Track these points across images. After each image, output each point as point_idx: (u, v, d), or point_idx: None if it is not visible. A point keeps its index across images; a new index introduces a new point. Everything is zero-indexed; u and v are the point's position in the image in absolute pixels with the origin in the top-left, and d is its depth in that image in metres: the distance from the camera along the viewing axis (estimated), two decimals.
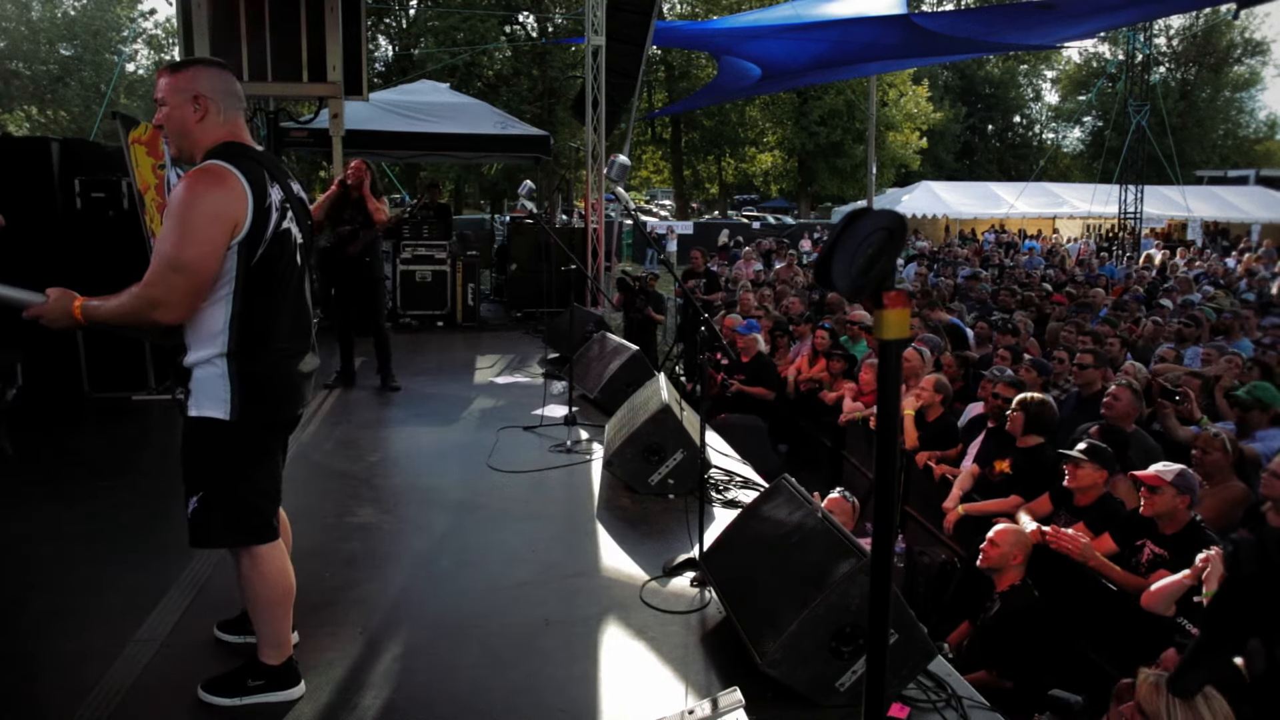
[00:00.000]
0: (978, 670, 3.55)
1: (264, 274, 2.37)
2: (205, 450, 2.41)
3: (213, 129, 2.39)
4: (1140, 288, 11.75)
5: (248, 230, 2.31)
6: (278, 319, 2.43)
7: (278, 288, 2.42)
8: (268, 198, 2.36)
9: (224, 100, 2.40)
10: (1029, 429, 4.62)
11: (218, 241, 2.27)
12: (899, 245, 1.28)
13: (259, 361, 2.40)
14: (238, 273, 2.33)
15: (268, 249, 2.36)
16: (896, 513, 4.99)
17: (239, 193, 2.29)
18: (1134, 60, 22.95)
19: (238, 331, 2.36)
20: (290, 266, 2.45)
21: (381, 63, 29.41)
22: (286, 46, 8.24)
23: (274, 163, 2.51)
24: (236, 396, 2.37)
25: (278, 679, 2.56)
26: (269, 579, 2.50)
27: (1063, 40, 19.35)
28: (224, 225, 2.27)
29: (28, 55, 28.71)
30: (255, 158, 2.41)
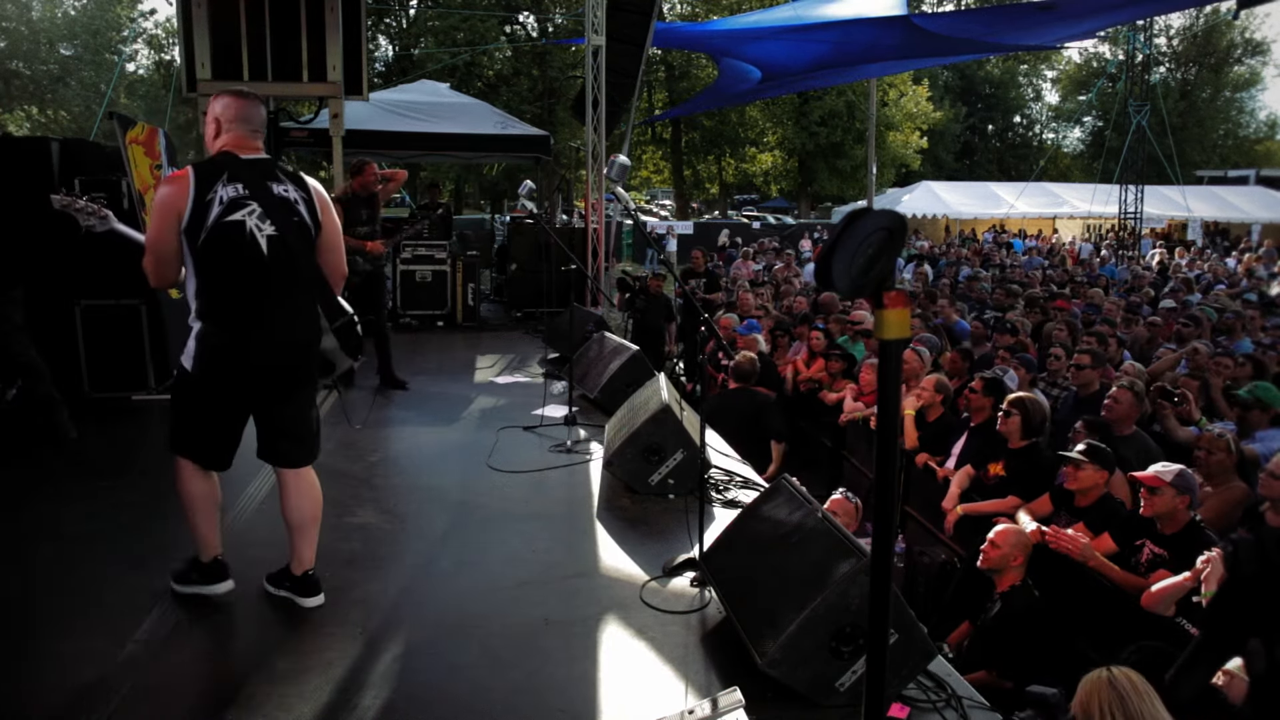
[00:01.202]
0: (978, 670, 3.55)
1: (210, 256, 2.87)
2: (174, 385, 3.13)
3: (219, 144, 2.98)
4: (1150, 289, 11.76)
5: (188, 219, 2.83)
6: (228, 297, 2.92)
7: (226, 270, 2.90)
8: (210, 193, 2.84)
9: (230, 123, 2.98)
10: (1021, 431, 4.62)
11: (162, 227, 2.85)
12: (899, 245, 1.28)
13: (211, 329, 2.92)
14: (191, 254, 2.88)
15: (210, 235, 2.84)
16: (896, 513, 4.99)
17: (182, 189, 2.83)
18: (1134, 60, 22.95)
19: (201, 302, 2.92)
20: (242, 252, 2.89)
21: (381, 63, 29.41)
22: (286, 46, 8.24)
23: (251, 168, 2.95)
24: (194, 353, 2.93)
25: (205, 573, 3.17)
26: (183, 489, 3.09)
27: (1063, 40, 19.35)
28: (167, 215, 2.84)
29: (28, 55, 28.71)
30: (221, 163, 2.92)
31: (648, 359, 5.99)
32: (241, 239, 2.88)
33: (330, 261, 3.17)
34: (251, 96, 3.02)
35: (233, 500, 4.26)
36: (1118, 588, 3.58)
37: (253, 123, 3.01)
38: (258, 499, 4.33)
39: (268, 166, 3.02)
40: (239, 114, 2.98)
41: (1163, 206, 25.26)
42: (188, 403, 3.03)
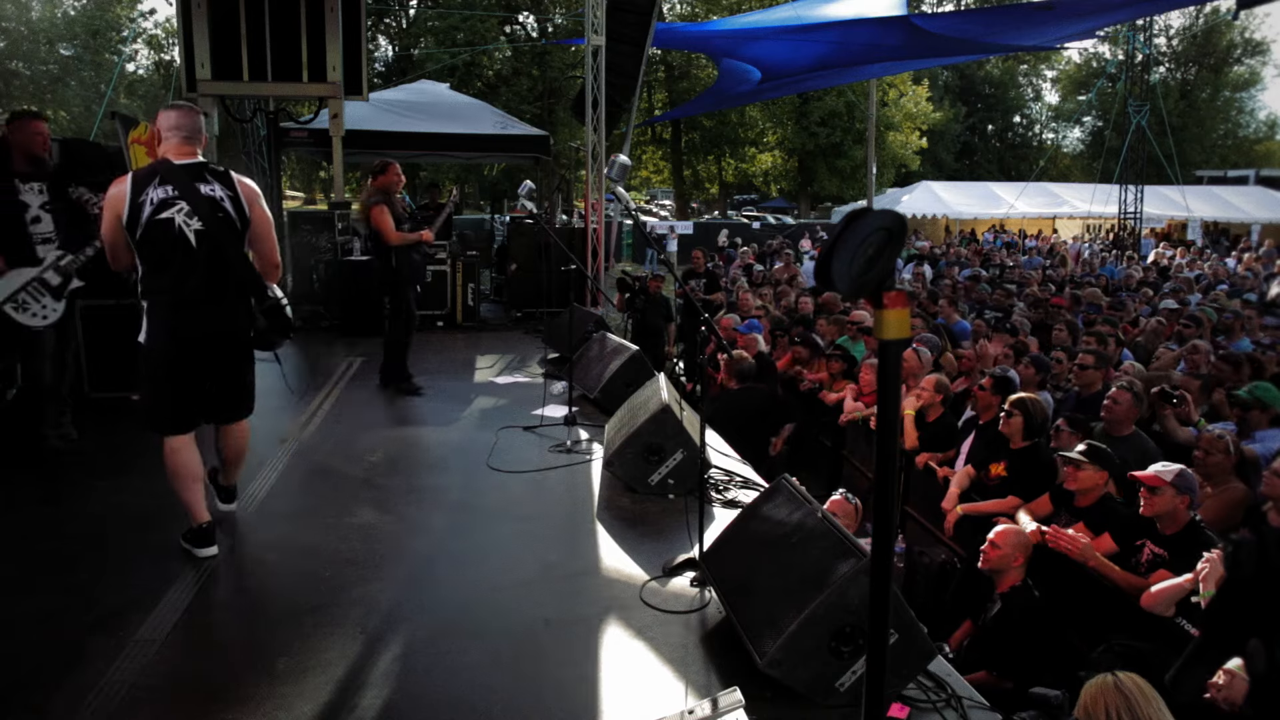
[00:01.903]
0: (978, 670, 3.55)
1: (147, 247, 3.40)
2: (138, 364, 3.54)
3: (159, 150, 3.54)
4: (1150, 289, 11.75)
5: (126, 218, 3.37)
6: (165, 281, 3.42)
7: (161, 259, 3.41)
8: (143, 196, 3.37)
9: (166, 131, 3.53)
10: (1023, 431, 4.62)
11: (110, 222, 3.41)
12: (899, 245, 1.28)
13: (157, 309, 3.44)
14: (134, 245, 3.41)
15: (145, 231, 3.38)
16: (896, 513, 4.99)
17: (120, 193, 3.38)
18: (1134, 60, 22.95)
19: (144, 285, 3.45)
20: (172, 243, 3.40)
21: (381, 63, 29.43)
22: (286, 46, 8.24)
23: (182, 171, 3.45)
24: (146, 330, 3.46)
25: (195, 537, 3.58)
26: (170, 463, 3.54)
27: (1062, 40, 19.37)
28: (111, 212, 3.40)
29: (28, 55, 28.70)
30: (155, 169, 3.46)
31: (648, 359, 5.99)
32: (171, 233, 3.40)
33: (261, 250, 3.68)
34: (186, 108, 3.57)
35: (222, 513, 4.26)
36: (1118, 588, 3.58)
37: (183, 130, 3.50)
38: (257, 500, 4.33)
39: (198, 169, 3.50)
40: (172, 124, 3.50)
41: (1163, 206, 25.25)
42: (152, 373, 3.49)
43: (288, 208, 14.66)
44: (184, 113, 3.55)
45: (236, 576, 3.50)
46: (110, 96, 19.80)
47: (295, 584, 3.45)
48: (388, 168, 6.32)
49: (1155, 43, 28.01)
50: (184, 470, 3.55)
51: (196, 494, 3.57)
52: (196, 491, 3.57)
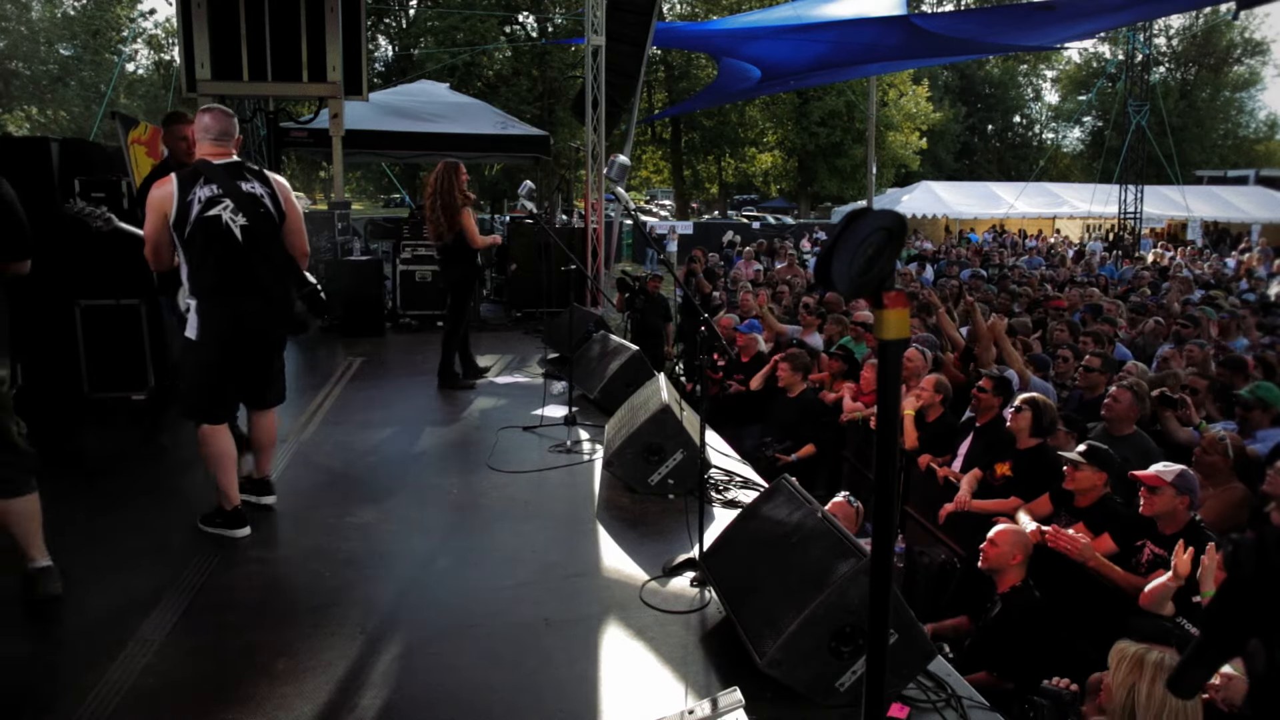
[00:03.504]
0: (978, 670, 3.55)
1: (196, 245, 3.55)
2: (184, 358, 3.74)
3: (197, 152, 3.71)
4: (1147, 289, 11.75)
5: (174, 217, 3.52)
6: (214, 276, 3.58)
7: (212, 255, 3.56)
8: (190, 195, 3.51)
9: (201, 133, 3.69)
10: (1031, 430, 4.62)
11: (157, 223, 3.55)
12: (899, 245, 1.28)
13: (207, 304, 3.60)
14: (180, 244, 3.56)
15: (193, 228, 3.53)
16: (896, 513, 4.99)
17: (167, 193, 3.52)
18: (1134, 60, 22.96)
19: (193, 282, 3.60)
20: (220, 240, 3.56)
21: (381, 63, 29.43)
22: (286, 46, 8.24)
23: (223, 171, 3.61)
24: (197, 325, 3.60)
25: (229, 519, 3.78)
26: (209, 451, 3.72)
27: (1062, 41, 19.37)
28: (158, 213, 3.54)
29: (28, 55, 28.68)
30: (198, 169, 3.59)
31: (647, 359, 5.99)
32: (218, 230, 3.56)
33: (294, 241, 3.90)
34: (219, 110, 3.72)
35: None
36: (1118, 588, 3.58)
37: (214, 132, 3.66)
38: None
39: (237, 168, 3.66)
40: (204, 126, 3.67)
41: (1163, 206, 25.26)
42: (201, 366, 3.67)
43: None
44: (216, 115, 3.69)
45: (236, 576, 3.50)
46: (110, 96, 19.81)
47: (295, 584, 3.45)
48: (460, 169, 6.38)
49: (1155, 43, 28.03)
50: (225, 456, 3.74)
51: (234, 478, 3.79)
52: (234, 476, 3.79)
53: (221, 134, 3.68)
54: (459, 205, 6.28)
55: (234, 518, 3.78)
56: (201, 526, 3.80)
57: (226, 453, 3.75)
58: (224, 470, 3.74)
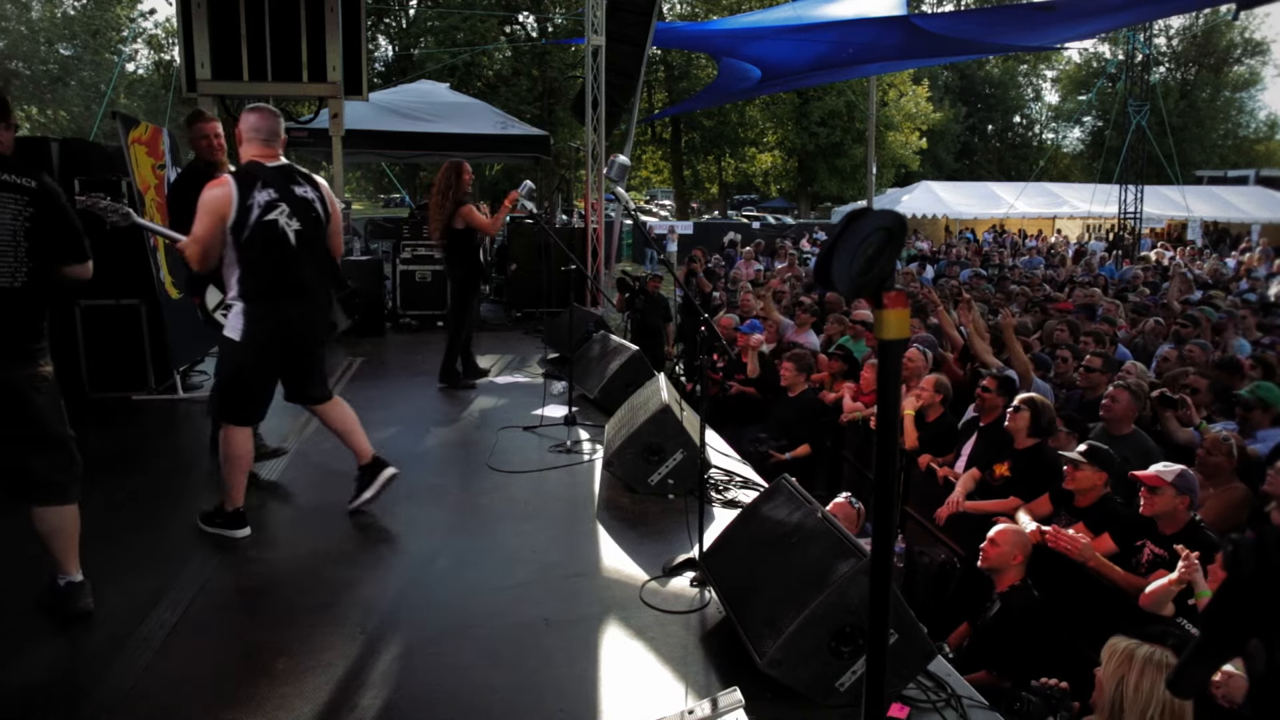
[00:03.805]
0: (978, 670, 3.55)
1: (253, 249, 3.55)
2: (224, 358, 3.73)
3: (245, 153, 3.69)
4: (1146, 289, 11.74)
5: (233, 220, 3.51)
6: (268, 280, 3.60)
7: (265, 259, 3.58)
8: (250, 198, 3.52)
9: (250, 133, 3.66)
10: (1030, 430, 4.62)
11: (212, 225, 3.50)
12: (899, 245, 1.28)
13: (258, 306, 3.60)
14: (235, 247, 3.55)
15: (251, 232, 3.53)
16: (896, 513, 4.99)
17: (227, 195, 3.50)
18: (1134, 60, 22.95)
19: (245, 285, 3.59)
20: (277, 244, 3.59)
21: (381, 63, 29.42)
22: (286, 46, 8.23)
23: (278, 174, 3.64)
24: (243, 327, 3.60)
25: (230, 520, 3.77)
26: (232, 451, 3.72)
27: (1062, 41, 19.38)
28: (215, 215, 3.50)
29: (28, 55, 28.67)
30: (255, 172, 3.59)
31: (647, 359, 5.99)
32: (275, 234, 3.59)
33: (334, 244, 3.97)
34: (266, 110, 3.70)
35: None
36: (1118, 588, 3.58)
37: (263, 133, 3.65)
38: (258, 499, 4.33)
39: (290, 172, 3.71)
40: (252, 126, 3.65)
41: (1163, 206, 25.25)
42: (239, 369, 3.69)
43: None
44: (265, 115, 3.69)
45: (236, 576, 3.50)
46: (110, 96, 19.80)
47: (295, 584, 3.45)
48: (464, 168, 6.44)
49: (1155, 43, 28.03)
50: (243, 459, 3.76)
51: (244, 481, 3.81)
52: (244, 479, 3.82)
53: (271, 135, 3.68)
54: (462, 199, 6.32)
55: (235, 518, 3.79)
56: (201, 526, 3.80)
57: (245, 455, 3.77)
58: (238, 471, 3.75)
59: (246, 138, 3.67)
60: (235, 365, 3.69)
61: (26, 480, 2.99)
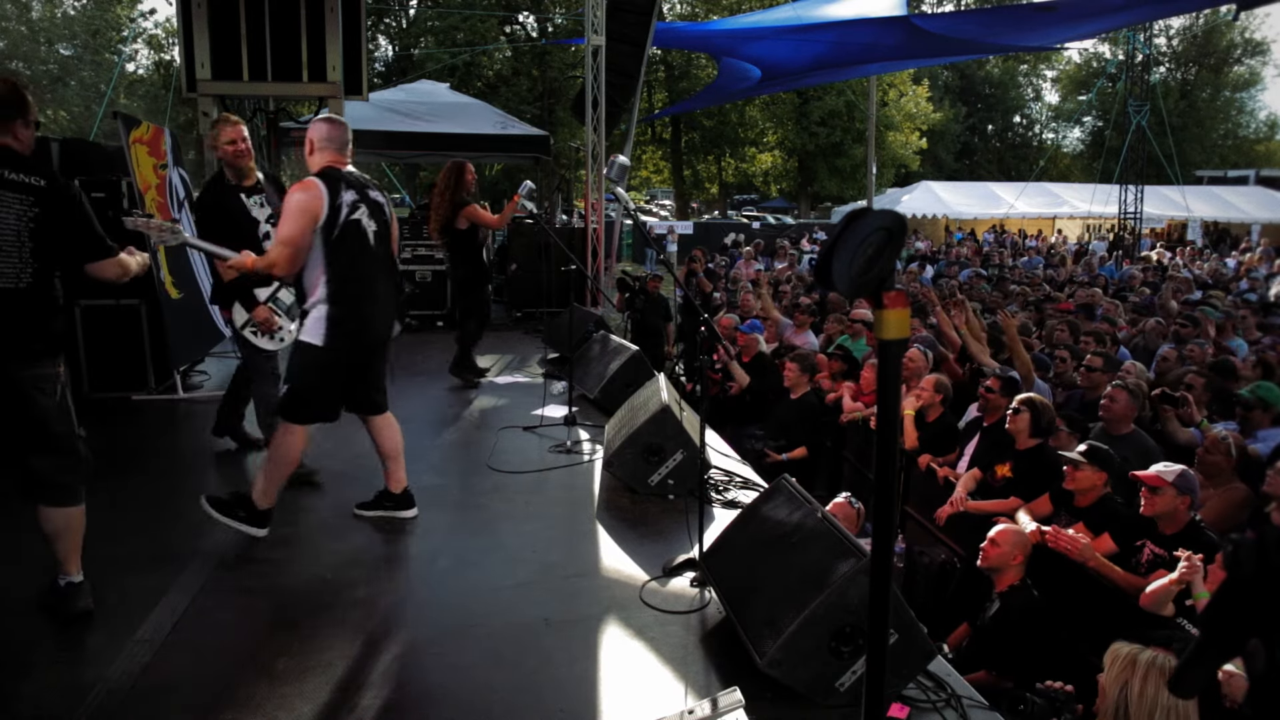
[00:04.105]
0: (977, 670, 3.55)
1: (341, 249, 3.58)
2: (300, 363, 3.64)
3: (318, 160, 3.69)
4: (1146, 289, 11.73)
5: (325, 218, 3.54)
6: (354, 281, 3.61)
7: (352, 259, 3.61)
8: (339, 199, 3.56)
9: (323, 142, 3.70)
10: (1030, 430, 4.61)
11: (304, 226, 3.51)
12: (899, 245, 1.28)
13: (343, 309, 3.58)
14: (324, 247, 3.55)
15: (340, 232, 3.57)
16: (896, 513, 4.99)
17: (318, 196, 3.53)
18: (1134, 60, 22.95)
19: (331, 288, 3.57)
20: (360, 243, 3.65)
21: (381, 63, 29.41)
22: (286, 46, 8.23)
23: (355, 179, 3.72)
24: (328, 332, 3.57)
25: (256, 518, 3.69)
26: (288, 453, 3.66)
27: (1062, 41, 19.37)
28: (309, 216, 3.51)
29: (28, 55, 28.65)
30: (338, 175, 3.64)
31: (647, 359, 5.99)
32: (360, 234, 3.65)
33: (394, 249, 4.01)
34: (339, 121, 3.78)
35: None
36: (1118, 588, 3.58)
37: (337, 142, 3.71)
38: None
39: (363, 177, 3.79)
40: (328, 135, 3.70)
41: (1163, 206, 25.25)
42: (317, 372, 3.65)
43: None
44: (339, 126, 3.74)
45: (236, 577, 3.50)
46: (110, 96, 19.80)
47: (295, 584, 3.45)
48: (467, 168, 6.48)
49: (1155, 43, 28.02)
50: (294, 459, 3.73)
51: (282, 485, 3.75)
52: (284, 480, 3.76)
53: (343, 144, 3.73)
54: (464, 200, 6.35)
55: (263, 517, 3.73)
56: (216, 514, 3.67)
57: (296, 460, 3.74)
58: (284, 473, 3.71)
59: (319, 146, 3.70)
60: (315, 368, 3.64)
61: (33, 480, 2.99)
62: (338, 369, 3.69)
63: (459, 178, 6.41)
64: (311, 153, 3.71)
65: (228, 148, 4.43)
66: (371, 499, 4.07)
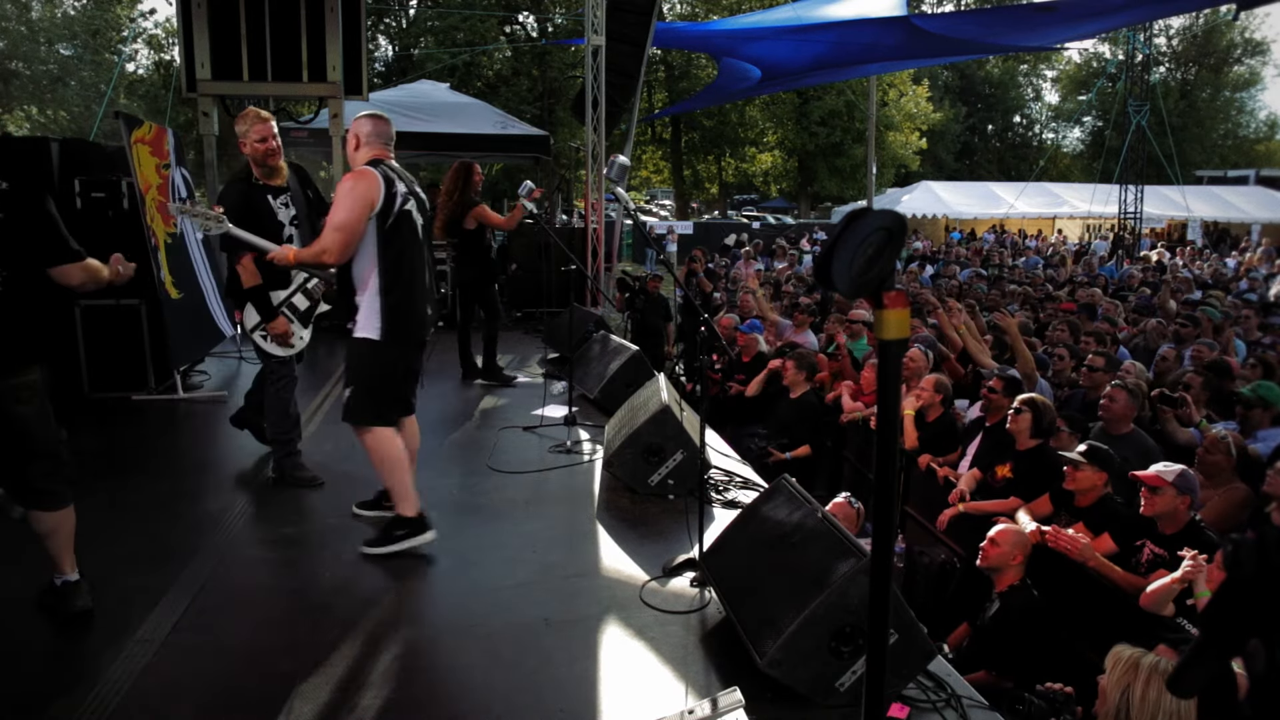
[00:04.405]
0: (977, 670, 3.55)
1: (394, 237, 3.56)
2: (359, 359, 3.62)
3: (364, 154, 3.67)
4: (1146, 289, 11.73)
5: (380, 206, 3.51)
6: (405, 270, 3.60)
7: (404, 248, 3.60)
8: (394, 188, 3.56)
9: (368, 138, 3.68)
10: (1031, 431, 4.61)
11: (362, 211, 3.48)
12: (899, 245, 1.28)
13: (396, 298, 3.56)
14: (378, 235, 3.53)
15: (394, 220, 3.56)
16: (896, 513, 4.99)
17: (375, 183, 3.50)
18: (1134, 60, 22.94)
19: (386, 278, 3.55)
20: (411, 235, 3.65)
21: (381, 63, 29.41)
22: (286, 46, 8.23)
23: (402, 172, 3.70)
24: (384, 323, 3.54)
25: (415, 527, 3.61)
26: (386, 454, 3.59)
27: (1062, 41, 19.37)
28: (365, 203, 3.49)
29: (28, 55, 28.64)
30: (389, 167, 3.63)
31: (647, 359, 5.99)
32: (410, 223, 3.65)
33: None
34: (384, 117, 3.77)
35: (223, 513, 4.27)
36: (1118, 588, 3.58)
37: (384, 137, 3.72)
38: (258, 499, 4.34)
39: (406, 173, 3.76)
40: (374, 130, 3.69)
41: (1163, 206, 25.25)
42: (383, 366, 3.63)
43: None
44: (382, 121, 3.74)
45: (236, 577, 3.50)
46: (110, 96, 19.78)
47: (295, 584, 3.45)
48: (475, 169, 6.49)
49: (1155, 43, 28.01)
50: (402, 457, 3.64)
51: (410, 480, 3.67)
52: (410, 477, 3.67)
53: (389, 139, 3.75)
54: (473, 200, 6.35)
55: (419, 524, 3.64)
56: (378, 550, 3.59)
57: (401, 453, 3.64)
58: (402, 472, 3.62)
59: (365, 141, 3.67)
60: (381, 364, 3.62)
61: (20, 485, 2.97)
62: (403, 358, 3.69)
63: (467, 178, 6.41)
64: (357, 148, 3.69)
65: (258, 145, 4.27)
66: (371, 499, 4.06)
